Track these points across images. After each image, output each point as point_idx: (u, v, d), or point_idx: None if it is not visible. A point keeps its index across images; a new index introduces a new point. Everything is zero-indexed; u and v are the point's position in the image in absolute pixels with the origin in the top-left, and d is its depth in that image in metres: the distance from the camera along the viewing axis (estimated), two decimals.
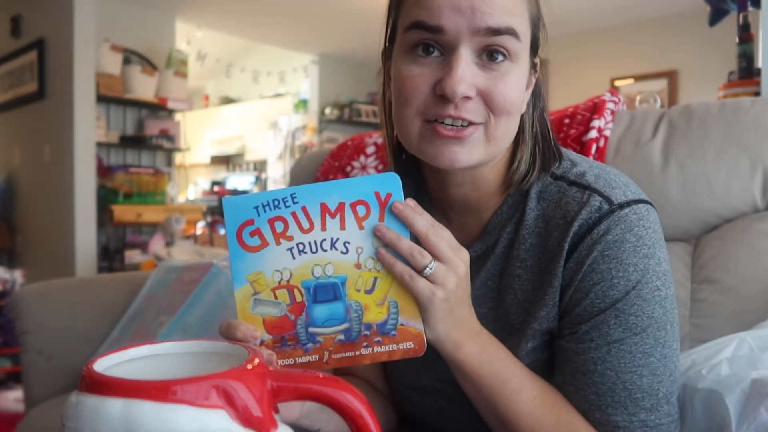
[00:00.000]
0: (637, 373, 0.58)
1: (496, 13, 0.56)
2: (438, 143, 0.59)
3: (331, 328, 0.58)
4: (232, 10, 4.63)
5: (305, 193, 0.56)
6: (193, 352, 0.43)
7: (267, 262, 0.57)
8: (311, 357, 0.58)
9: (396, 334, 0.58)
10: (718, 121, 1.01)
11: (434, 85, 0.58)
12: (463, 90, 0.56)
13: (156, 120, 4.25)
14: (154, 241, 3.89)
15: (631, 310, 0.59)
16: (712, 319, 0.94)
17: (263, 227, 0.56)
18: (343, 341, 0.58)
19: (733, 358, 0.63)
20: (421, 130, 0.60)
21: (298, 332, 0.58)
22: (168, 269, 1.40)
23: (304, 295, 0.57)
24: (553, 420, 0.59)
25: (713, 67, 3.38)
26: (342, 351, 0.58)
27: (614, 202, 0.61)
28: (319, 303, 0.57)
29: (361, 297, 0.57)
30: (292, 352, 0.58)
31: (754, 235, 0.96)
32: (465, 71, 0.56)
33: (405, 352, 0.58)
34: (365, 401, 0.40)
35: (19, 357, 1.30)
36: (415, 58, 0.59)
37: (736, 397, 0.57)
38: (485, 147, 0.60)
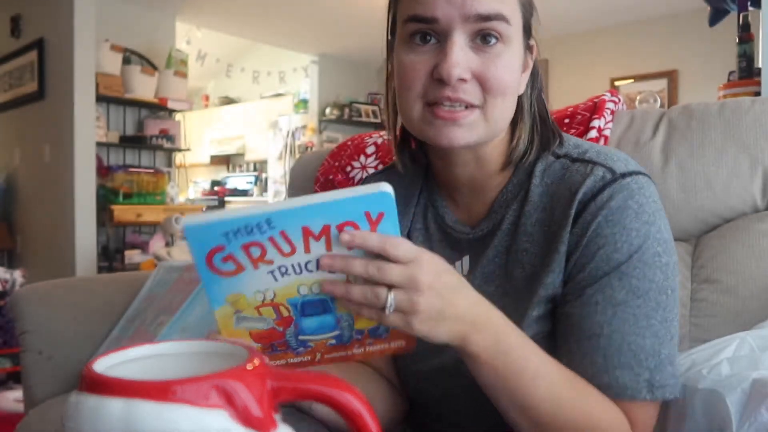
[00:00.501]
0: (641, 334, 0.60)
1: (485, 1, 0.60)
2: (437, 124, 0.63)
3: (322, 335, 0.56)
4: (232, 10, 4.63)
5: (283, 218, 0.49)
6: (193, 352, 0.43)
7: (246, 284, 0.51)
8: (303, 358, 0.57)
9: (388, 335, 0.57)
10: (718, 121, 1.02)
11: (432, 70, 0.62)
12: (458, 73, 0.60)
13: (156, 120, 4.25)
14: (154, 241, 3.89)
15: (634, 272, 0.61)
16: (713, 319, 0.94)
17: (236, 253, 0.50)
18: (335, 344, 0.56)
19: (733, 358, 0.63)
20: (422, 113, 0.64)
21: (288, 340, 0.55)
22: (168, 269, 1.40)
23: (291, 310, 0.54)
24: (571, 400, 0.59)
25: (713, 67, 3.38)
26: (334, 351, 0.57)
27: (617, 172, 0.64)
28: (307, 316, 0.54)
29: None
30: (284, 355, 0.56)
31: (754, 235, 0.96)
32: (459, 55, 0.60)
33: (397, 349, 0.58)
34: (365, 401, 0.40)
35: (19, 357, 1.30)
36: (413, 47, 0.63)
37: (736, 397, 0.57)
38: (483, 127, 0.64)
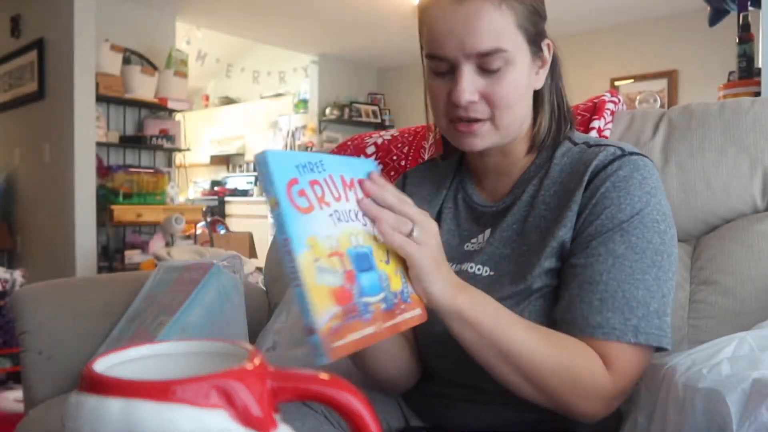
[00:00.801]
0: (635, 285, 0.68)
1: (482, 40, 0.70)
2: (458, 136, 0.77)
3: (375, 296, 0.57)
4: (232, 10, 4.63)
5: (329, 162, 0.55)
6: (193, 352, 0.43)
7: (317, 226, 0.53)
8: (369, 328, 0.56)
9: (411, 300, 0.61)
10: (717, 122, 1.01)
11: (448, 95, 0.75)
12: (467, 97, 0.73)
13: (156, 120, 4.25)
14: (154, 241, 3.89)
15: (634, 231, 0.70)
16: (711, 320, 0.94)
17: (306, 189, 0.53)
18: (385, 310, 0.57)
19: (733, 357, 0.63)
20: (447, 127, 0.78)
21: (357, 302, 0.55)
22: (168, 269, 1.40)
23: (350, 262, 0.55)
24: (546, 341, 0.67)
25: (713, 67, 3.38)
26: (388, 319, 0.57)
27: (626, 150, 0.76)
28: (362, 271, 0.56)
29: (384, 267, 0.58)
30: (356, 325, 0.55)
31: (753, 235, 0.96)
32: (467, 83, 0.73)
33: (419, 318, 0.62)
34: (365, 401, 0.40)
35: (19, 357, 1.30)
36: (434, 77, 0.77)
37: (737, 396, 0.57)
38: (495, 134, 0.76)
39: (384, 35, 5.24)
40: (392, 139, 1.36)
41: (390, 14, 4.66)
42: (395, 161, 1.34)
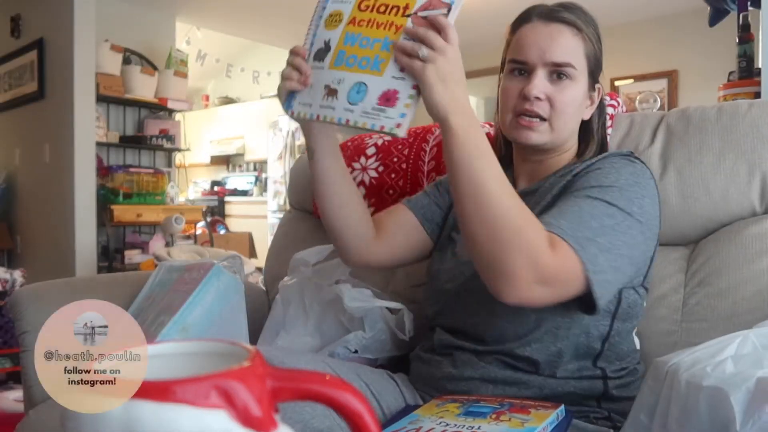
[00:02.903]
0: (594, 217, 0.78)
1: (558, 53, 0.90)
2: (520, 128, 0.92)
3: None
4: (232, 10, 4.63)
5: None
6: (193, 352, 0.43)
7: None
8: None
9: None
10: (715, 127, 1.02)
11: (521, 92, 0.91)
12: (536, 93, 0.89)
13: (156, 120, 4.25)
14: (154, 241, 3.89)
15: (611, 192, 0.81)
16: (704, 323, 0.94)
17: None
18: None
19: (737, 356, 0.63)
20: (511, 120, 0.93)
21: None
22: (168, 269, 1.40)
23: None
24: (513, 195, 0.76)
25: (713, 67, 3.38)
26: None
27: (634, 154, 0.92)
28: None
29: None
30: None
31: (747, 238, 0.96)
32: (539, 82, 0.90)
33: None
34: (365, 401, 0.40)
35: (19, 357, 1.30)
36: (511, 78, 0.94)
37: (741, 395, 0.57)
38: (549, 134, 0.92)
39: None
40: (392, 140, 1.36)
41: None
42: (396, 163, 1.34)
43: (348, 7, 0.82)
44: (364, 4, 0.81)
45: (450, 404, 0.81)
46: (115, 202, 3.80)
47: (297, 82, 0.83)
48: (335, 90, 0.80)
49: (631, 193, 0.83)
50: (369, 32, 0.79)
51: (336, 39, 0.82)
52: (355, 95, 0.78)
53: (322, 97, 0.81)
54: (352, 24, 0.81)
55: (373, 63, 0.77)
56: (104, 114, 3.96)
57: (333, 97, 0.80)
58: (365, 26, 0.79)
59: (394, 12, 0.77)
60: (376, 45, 0.78)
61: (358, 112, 0.77)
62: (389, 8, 0.78)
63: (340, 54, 0.81)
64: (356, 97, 0.78)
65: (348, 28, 0.81)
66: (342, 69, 0.80)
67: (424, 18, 0.75)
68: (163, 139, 4.19)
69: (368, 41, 0.79)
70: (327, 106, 0.80)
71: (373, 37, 0.78)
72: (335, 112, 0.79)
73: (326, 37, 0.83)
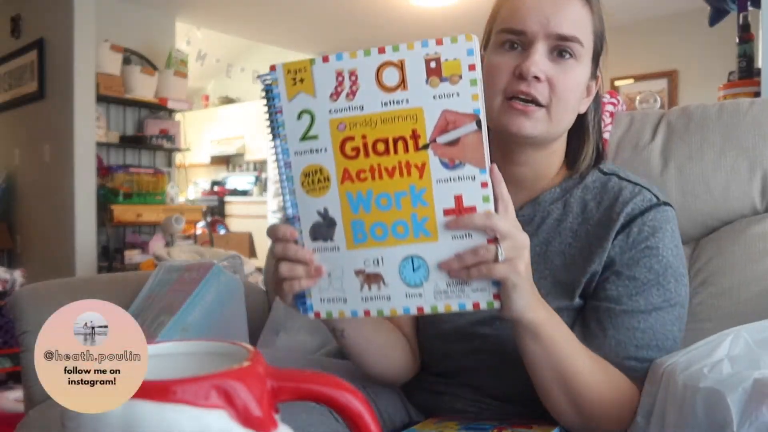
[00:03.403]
0: (665, 335, 0.74)
1: (564, 24, 0.73)
2: (511, 114, 0.74)
3: None
4: (232, 10, 4.63)
5: None
6: (193, 352, 0.43)
7: None
8: None
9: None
10: (716, 124, 1.01)
11: (514, 69, 0.74)
12: (535, 70, 0.72)
13: (156, 120, 4.25)
14: (154, 241, 3.89)
15: (668, 285, 0.74)
16: (708, 322, 0.93)
17: None
18: None
19: (734, 356, 0.63)
20: (501, 104, 0.75)
21: None
22: (168, 269, 1.40)
23: None
24: (609, 381, 0.70)
25: (713, 67, 3.38)
26: None
27: (660, 199, 0.78)
28: None
29: None
30: None
31: (750, 237, 0.95)
32: (539, 59, 0.73)
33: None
34: (365, 401, 0.40)
35: (19, 357, 1.30)
36: (502, 52, 0.76)
37: (737, 396, 0.57)
38: (546, 123, 0.75)
39: (384, 35, 5.23)
40: None
41: (389, 14, 4.66)
42: None
43: (326, 158, 0.60)
44: (350, 147, 0.59)
45: (448, 422, 0.79)
46: (115, 202, 3.80)
47: (308, 278, 0.62)
48: (378, 275, 0.61)
49: (681, 268, 0.76)
50: (383, 186, 0.59)
51: (336, 206, 0.61)
52: (413, 274, 0.60)
53: (360, 286, 0.62)
54: (349, 180, 0.60)
55: (416, 227, 0.59)
56: (104, 114, 3.96)
57: (378, 285, 0.61)
58: (372, 179, 0.59)
59: (402, 147, 0.58)
60: (403, 202, 0.59)
61: (430, 294, 0.60)
62: (392, 144, 0.58)
63: (357, 226, 0.61)
64: (415, 276, 0.60)
65: (347, 188, 0.60)
66: (371, 245, 0.61)
67: (451, 144, 0.57)
68: (163, 139, 4.19)
69: (389, 199, 0.59)
70: (375, 297, 0.62)
71: (394, 191, 0.59)
72: (394, 302, 0.61)
73: (317, 207, 0.61)
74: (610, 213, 0.77)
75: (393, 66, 0.57)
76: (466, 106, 0.57)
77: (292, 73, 0.60)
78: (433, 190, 0.58)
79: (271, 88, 0.61)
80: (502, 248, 0.58)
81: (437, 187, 0.58)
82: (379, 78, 0.58)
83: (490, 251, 0.57)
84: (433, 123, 0.57)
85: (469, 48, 0.56)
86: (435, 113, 0.57)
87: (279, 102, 0.61)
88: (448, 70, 0.56)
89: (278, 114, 0.61)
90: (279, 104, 0.61)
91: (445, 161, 0.58)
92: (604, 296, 0.76)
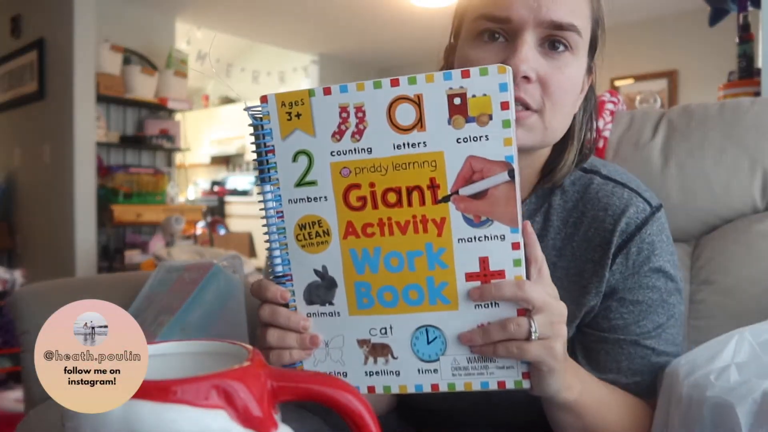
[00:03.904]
0: (674, 350, 0.68)
1: (560, 10, 0.60)
2: None
3: None
4: (232, 10, 4.63)
5: None
6: (193, 352, 0.43)
7: None
8: None
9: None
10: (717, 122, 1.01)
11: None
12: (524, 69, 0.59)
13: (156, 120, 4.25)
14: (154, 241, 3.89)
15: (670, 299, 0.68)
16: (711, 320, 0.93)
17: None
18: None
19: (741, 363, 0.60)
20: None
21: None
22: (168, 269, 1.40)
23: None
24: (628, 416, 0.65)
25: (713, 67, 3.38)
26: None
27: (652, 204, 0.68)
28: None
29: None
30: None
31: (753, 235, 0.96)
32: (528, 54, 0.59)
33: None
34: (365, 401, 0.40)
35: (19, 357, 1.30)
36: (480, 44, 0.62)
37: (747, 407, 0.54)
38: (542, 132, 0.62)
39: (384, 35, 5.23)
40: None
41: (390, 14, 4.66)
42: None
43: (327, 208, 0.51)
44: (355, 197, 0.50)
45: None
46: (115, 202, 3.80)
47: (301, 350, 0.54)
48: (385, 347, 0.52)
49: (678, 277, 0.70)
50: (394, 244, 0.50)
51: (337, 265, 0.52)
52: (427, 347, 0.52)
53: (364, 359, 0.53)
54: (353, 235, 0.51)
55: (433, 292, 0.51)
56: (104, 114, 3.96)
57: (386, 358, 0.53)
58: (380, 235, 0.50)
59: (418, 199, 0.49)
60: (418, 263, 0.50)
61: (448, 371, 0.52)
62: (406, 194, 0.49)
63: (362, 289, 0.52)
64: (430, 349, 0.52)
65: (350, 244, 0.51)
66: (378, 312, 0.52)
67: (476, 196, 0.48)
68: (163, 139, 4.19)
69: (401, 259, 0.50)
70: (382, 371, 0.53)
71: (407, 250, 0.50)
72: (404, 378, 0.53)
73: (314, 264, 0.53)
74: (601, 228, 0.67)
75: (408, 101, 0.48)
76: (497, 152, 0.48)
77: (286, 107, 0.53)
78: (454, 250, 0.50)
79: (261, 123, 0.54)
80: (536, 324, 0.49)
81: (459, 247, 0.49)
82: (391, 115, 0.49)
83: (522, 327, 0.49)
84: (456, 171, 0.48)
85: (501, 82, 0.47)
86: (458, 160, 0.48)
87: (271, 140, 0.53)
88: (475, 109, 0.47)
89: (269, 154, 0.53)
90: (271, 143, 0.53)
91: (469, 217, 0.49)
92: (609, 327, 0.68)
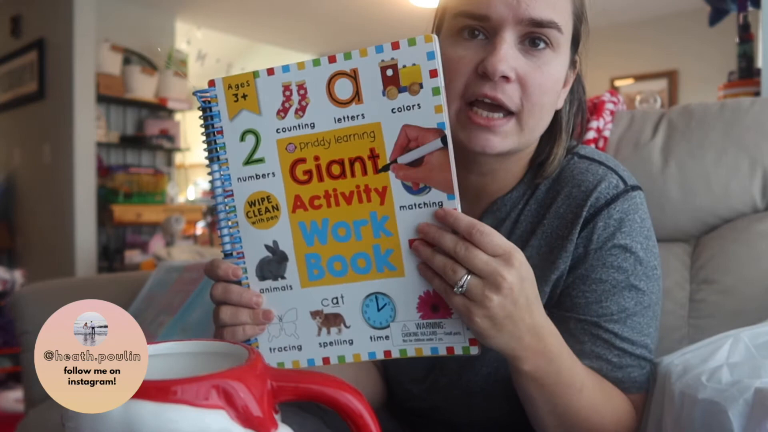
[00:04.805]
0: (646, 337, 0.65)
1: (540, 7, 0.59)
2: (471, 129, 0.61)
3: None
4: (232, 10, 4.63)
5: None
6: (193, 352, 0.43)
7: None
8: None
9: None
10: (717, 122, 1.01)
11: (477, 66, 0.60)
12: (503, 69, 0.58)
13: (156, 120, 4.25)
14: (154, 241, 3.89)
15: (640, 284, 0.65)
16: (711, 319, 0.93)
17: None
18: None
19: (734, 363, 0.60)
20: (458, 114, 0.62)
21: None
22: (168, 269, 1.40)
23: None
24: (604, 404, 0.62)
25: (713, 67, 3.38)
26: None
27: (627, 183, 0.66)
28: None
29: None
30: None
31: (753, 235, 0.96)
32: (507, 52, 0.59)
33: None
34: (365, 401, 0.40)
35: (19, 357, 1.30)
36: (460, 42, 0.62)
37: (739, 408, 0.53)
38: (517, 136, 0.62)
39: (384, 35, 5.23)
40: None
41: (390, 14, 4.66)
42: None
43: (275, 184, 0.53)
44: (302, 171, 0.52)
45: None
46: (115, 202, 3.80)
47: (254, 325, 0.55)
48: (338, 316, 0.54)
49: (652, 260, 0.67)
50: (340, 214, 0.52)
51: (287, 238, 0.54)
52: (378, 314, 0.53)
53: (317, 330, 0.55)
54: (301, 209, 0.53)
55: (380, 260, 0.52)
56: (104, 114, 3.96)
57: (338, 327, 0.54)
58: (327, 206, 0.52)
59: (360, 169, 0.51)
60: (364, 231, 0.52)
61: (398, 336, 0.53)
62: (349, 166, 0.51)
63: (312, 260, 0.54)
64: (381, 316, 0.53)
65: (299, 217, 0.53)
66: (329, 282, 0.54)
67: (414, 164, 0.50)
68: (163, 139, 4.19)
69: (348, 229, 0.52)
70: (335, 341, 0.54)
71: (353, 219, 0.52)
72: (357, 346, 0.54)
73: (265, 240, 0.55)
74: (573, 205, 0.66)
75: (346, 77, 0.50)
76: (429, 120, 0.49)
77: (233, 89, 0.53)
78: (397, 218, 0.51)
79: (210, 105, 0.54)
80: (468, 283, 0.49)
81: (401, 215, 0.51)
82: (330, 91, 0.51)
83: (456, 274, 0.49)
84: (393, 140, 0.50)
85: (429, 51, 0.49)
86: (395, 129, 0.50)
87: (219, 121, 0.54)
88: (406, 79, 0.49)
89: (218, 135, 0.54)
90: (219, 124, 0.54)
91: (408, 185, 0.51)
92: (572, 305, 0.66)
